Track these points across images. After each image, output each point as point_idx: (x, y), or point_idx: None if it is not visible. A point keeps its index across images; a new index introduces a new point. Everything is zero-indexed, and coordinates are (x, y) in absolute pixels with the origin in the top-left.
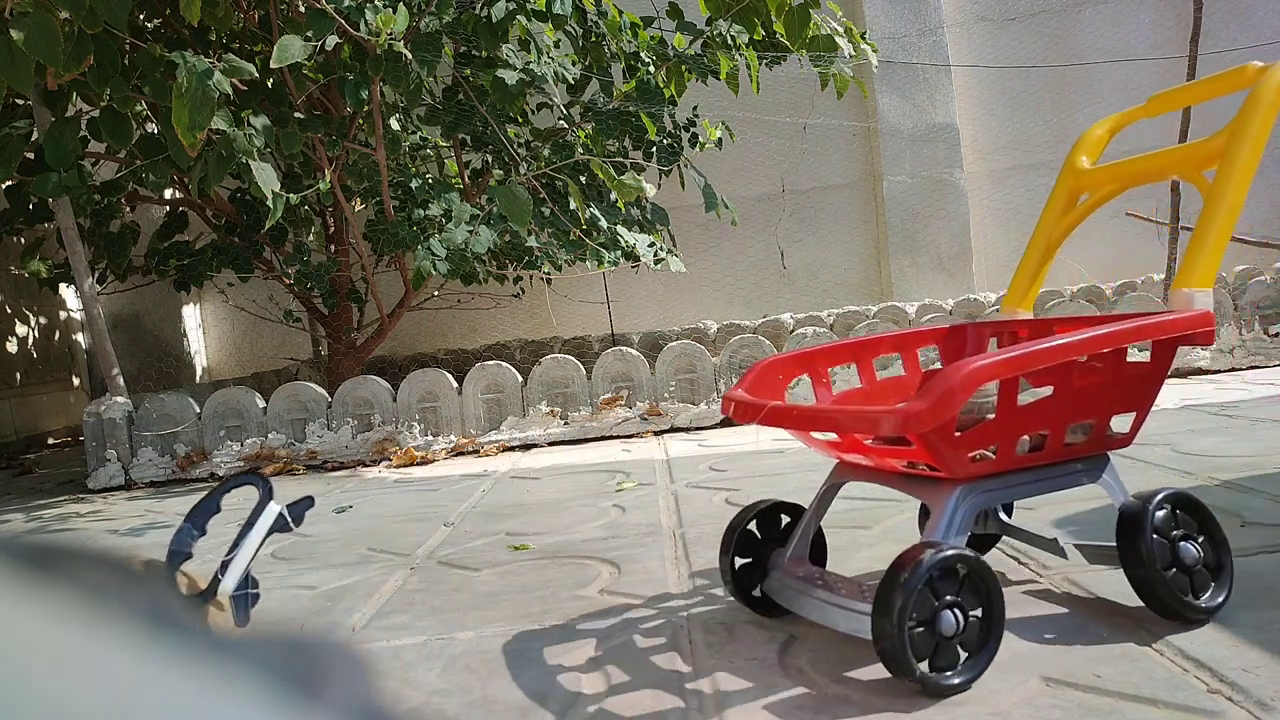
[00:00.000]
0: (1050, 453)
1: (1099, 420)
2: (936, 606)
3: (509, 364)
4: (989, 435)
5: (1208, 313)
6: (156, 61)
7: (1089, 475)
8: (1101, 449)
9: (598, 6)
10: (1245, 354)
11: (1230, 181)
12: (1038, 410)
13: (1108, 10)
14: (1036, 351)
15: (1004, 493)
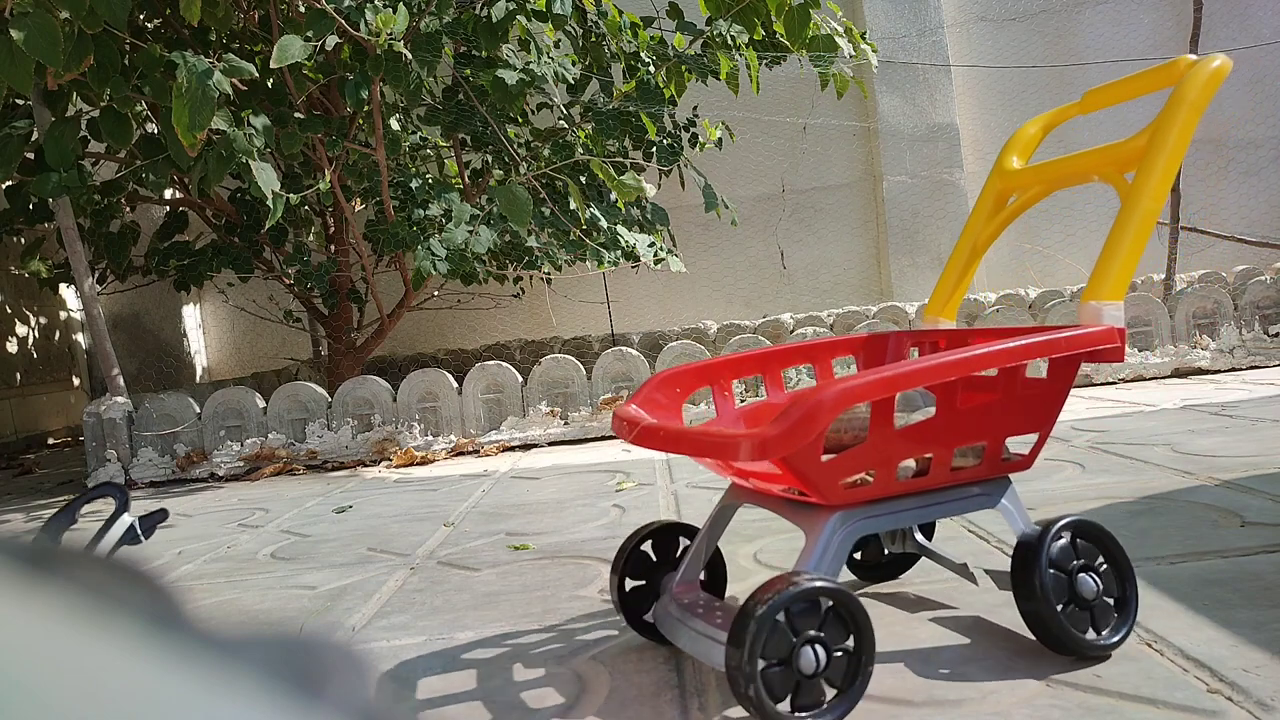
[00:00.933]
0: (937, 477)
1: (992, 442)
2: (795, 642)
3: (509, 364)
4: (862, 459)
5: (1112, 329)
6: (156, 61)
7: (986, 500)
8: (998, 472)
9: (598, 6)
10: (1245, 354)
11: (1147, 186)
12: (919, 432)
13: (1108, 10)
14: (907, 373)
15: (887, 519)
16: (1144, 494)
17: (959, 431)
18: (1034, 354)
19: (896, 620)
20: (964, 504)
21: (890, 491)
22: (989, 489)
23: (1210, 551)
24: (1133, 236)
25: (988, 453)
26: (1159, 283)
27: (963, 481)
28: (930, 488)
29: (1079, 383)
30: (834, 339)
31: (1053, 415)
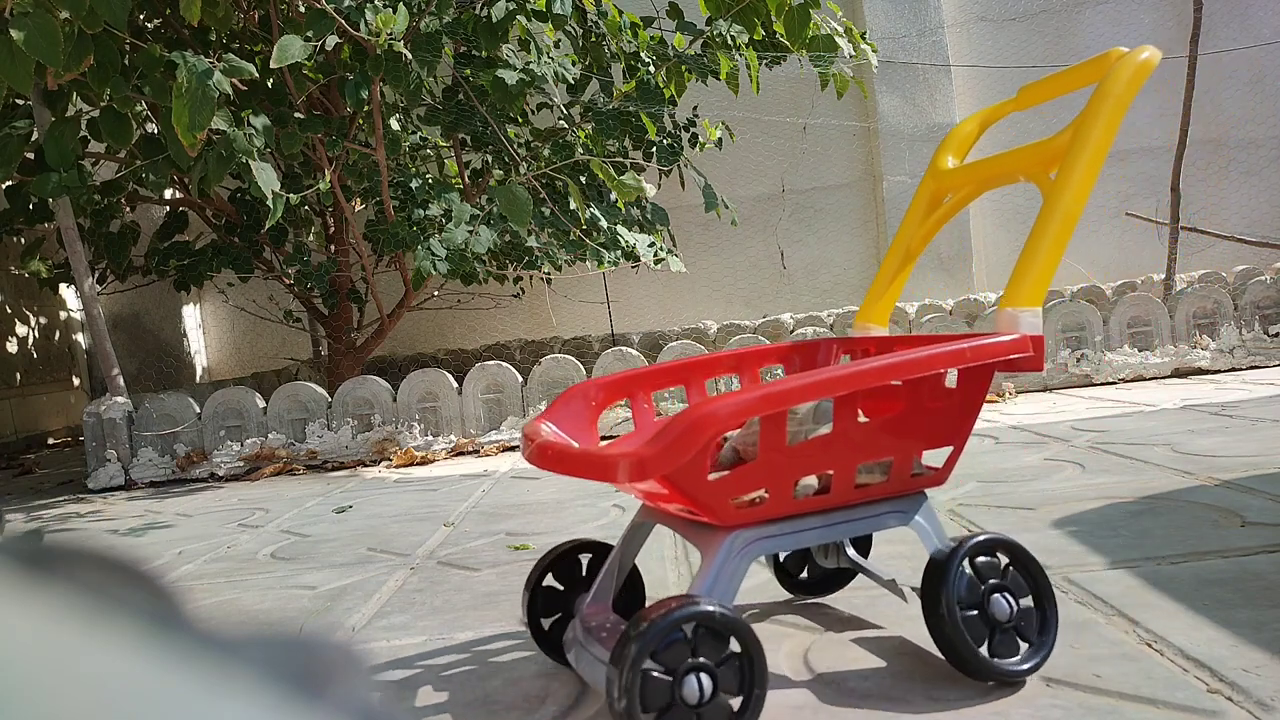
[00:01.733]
0: (840, 494)
1: (899, 457)
2: (680, 670)
3: (509, 364)
4: (753, 478)
5: (1024, 337)
6: (156, 61)
7: (898, 517)
8: (908, 488)
9: (598, 6)
10: (1245, 354)
11: (1068, 186)
12: (815, 448)
13: (1108, 10)
14: (791, 388)
15: (788, 539)
16: (1144, 494)
17: (860, 447)
18: (933, 366)
19: (866, 627)
20: (874, 521)
21: (788, 510)
22: (902, 505)
23: (1210, 551)
24: (1052, 239)
25: (895, 468)
26: (1159, 283)
27: (871, 498)
28: (833, 506)
29: (1079, 383)
30: (762, 347)
31: (965, 428)
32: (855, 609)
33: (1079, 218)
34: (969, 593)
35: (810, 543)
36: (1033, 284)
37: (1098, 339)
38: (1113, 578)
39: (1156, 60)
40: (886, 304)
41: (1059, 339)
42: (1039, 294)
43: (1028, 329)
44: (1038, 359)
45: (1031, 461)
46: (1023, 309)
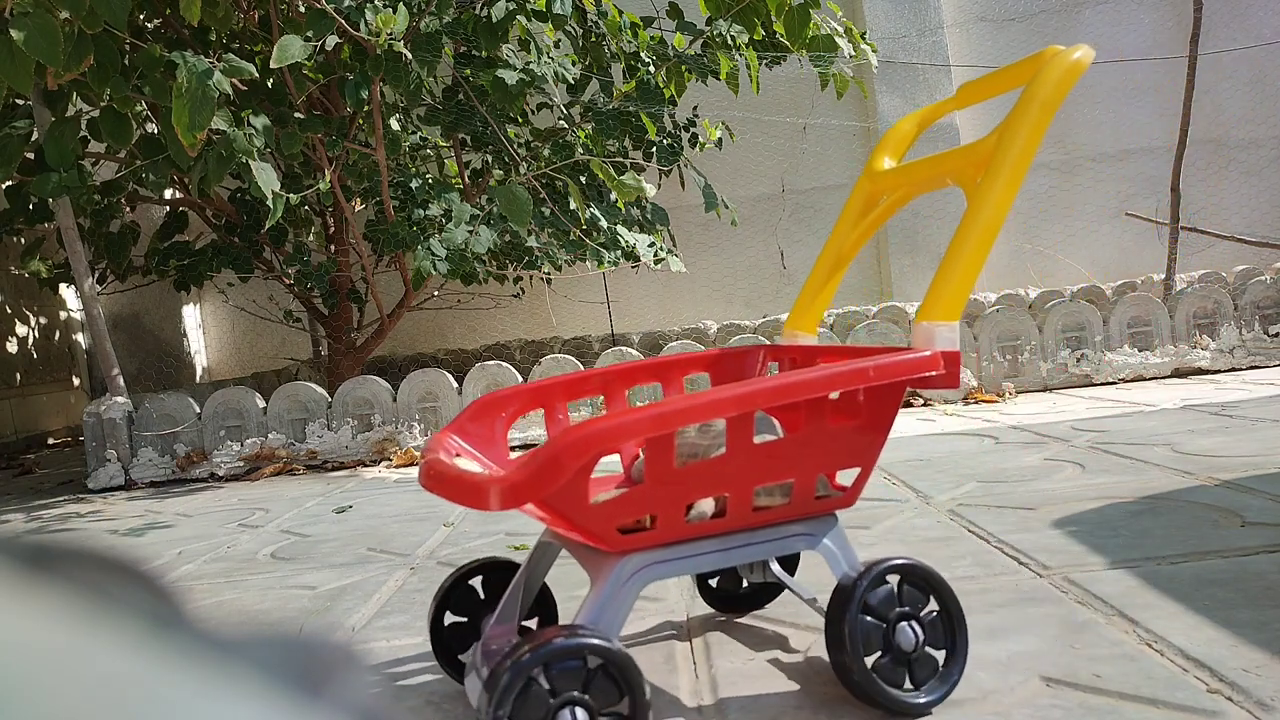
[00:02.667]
0: (736, 518)
1: (800, 479)
2: (553, 704)
3: (509, 364)
4: (640, 502)
5: (934, 354)
6: (156, 61)
7: (805, 540)
8: (812, 511)
9: (598, 6)
10: (1245, 354)
11: (991, 193)
12: (706, 471)
13: (1108, 10)
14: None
15: (684, 564)
16: (1144, 494)
17: (756, 469)
18: (832, 386)
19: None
20: (778, 545)
21: (679, 535)
22: (808, 528)
23: (1210, 551)
24: (971, 250)
25: (797, 490)
26: (1159, 283)
27: (772, 521)
28: (731, 529)
29: (1079, 383)
30: (687, 355)
31: (874, 448)
32: None
33: (1001, 226)
34: (873, 620)
35: (707, 568)
36: (950, 297)
37: (1098, 339)
38: (1113, 578)
39: (1088, 60)
40: (816, 311)
41: (1059, 339)
42: (956, 308)
43: (943, 344)
44: (952, 376)
45: (1031, 461)
46: (939, 323)
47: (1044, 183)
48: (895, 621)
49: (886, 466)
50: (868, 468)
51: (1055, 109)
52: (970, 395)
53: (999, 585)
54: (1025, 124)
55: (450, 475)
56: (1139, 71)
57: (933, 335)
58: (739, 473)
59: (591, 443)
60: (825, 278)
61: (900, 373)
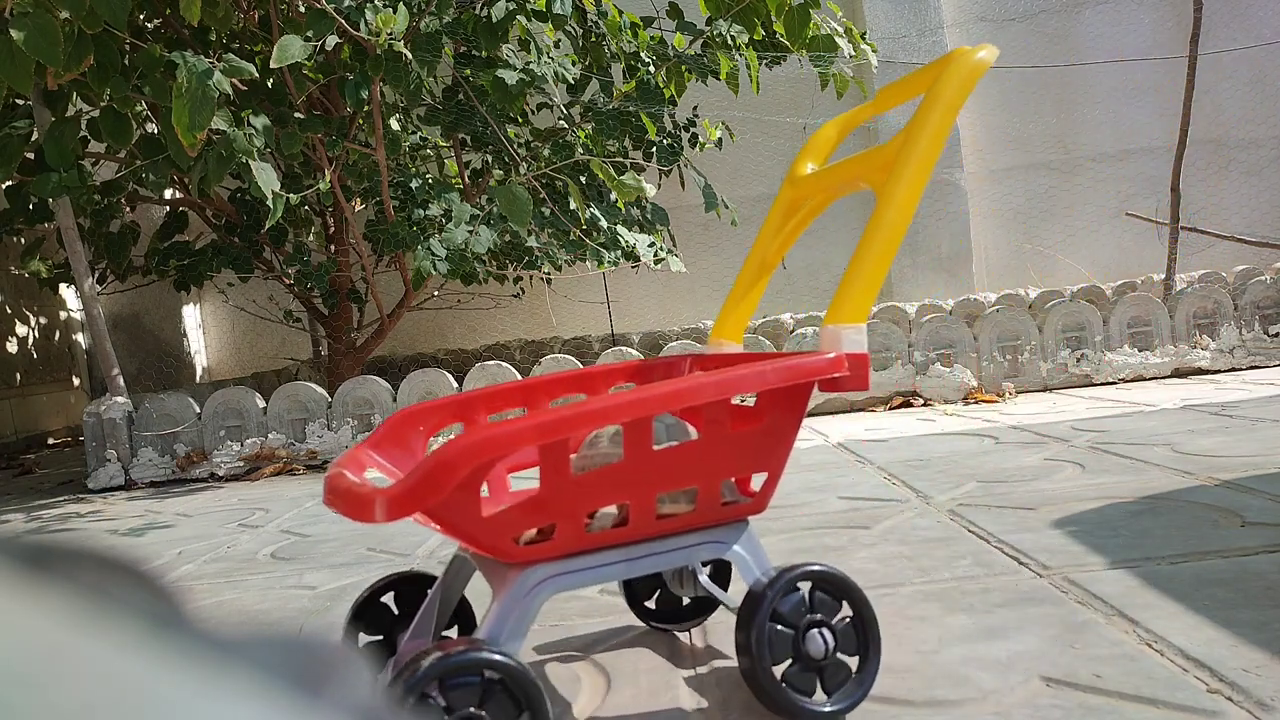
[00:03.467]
0: (639, 527)
1: (704, 486)
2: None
3: (509, 364)
4: (534, 512)
5: (839, 356)
6: (156, 61)
7: (715, 547)
8: (720, 517)
9: (598, 6)
10: (1245, 354)
11: (895, 196)
12: (603, 479)
13: (1108, 10)
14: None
15: (588, 574)
16: (1144, 494)
17: (656, 476)
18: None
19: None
20: (687, 553)
21: (580, 545)
22: (717, 535)
23: (1210, 551)
24: (876, 252)
25: (702, 497)
26: (1159, 283)
27: (679, 529)
28: (635, 538)
29: (1079, 383)
30: (612, 365)
31: (780, 452)
32: None
33: (907, 226)
34: (783, 628)
35: (614, 578)
36: (856, 300)
37: (1098, 339)
38: (1113, 578)
39: (991, 59)
40: (740, 318)
41: (1059, 339)
42: (863, 310)
43: (850, 346)
44: (859, 378)
45: (1031, 461)
46: (845, 326)
47: (1044, 183)
48: (806, 629)
49: (886, 466)
50: (776, 472)
51: (958, 109)
52: (970, 395)
53: (999, 585)
54: (928, 125)
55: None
56: (1139, 71)
57: (839, 338)
58: (638, 480)
59: (475, 451)
60: (749, 285)
61: (800, 375)
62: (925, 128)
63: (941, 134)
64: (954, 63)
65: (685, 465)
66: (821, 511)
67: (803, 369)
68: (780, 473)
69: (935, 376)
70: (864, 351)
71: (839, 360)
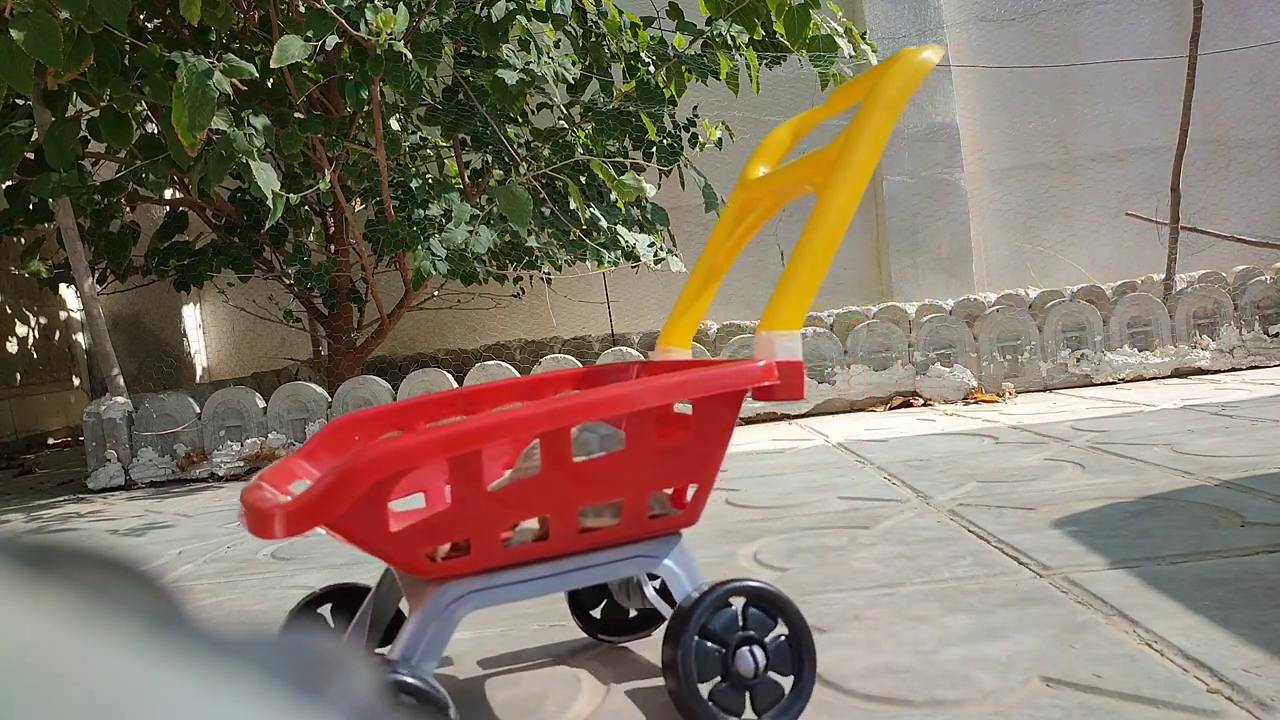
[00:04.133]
0: (561, 541)
1: (629, 499)
2: None
3: (509, 364)
4: (447, 526)
5: (769, 365)
6: (156, 61)
7: (642, 562)
8: (650, 531)
9: (598, 6)
10: (1245, 354)
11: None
12: (522, 492)
13: (1108, 10)
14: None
15: (512, 589)
16: (1144, 494)
17: (576, 489)
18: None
19: None
20: (614, 568)
21: (496, 561)
22: (646, 549)
23: (1210, 551)
24: (812, 257)
25: (628, 510)
26: (1159, 283)
27: (604, 543)
28: (558, 553)
29: (1079, 383)
30: (557, 372)
31: (710, 463)
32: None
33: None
34: (712, 645)
35: (539, 593)
36: (791, 306)
37: (1098, 339)
38: (1113, 578)
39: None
40: (689, 325)
41: (1059, 339)
42: (798, 317)
43: (783, 354)
44: (793, 387)
45: (1031, 461)
46: (779, 333)
47: (1044, 183)
48: (736, 646)
49: (886, 466)
50: (705, 484)
51: (899, 110)
52: (970, 395)
53: (999, 585)
54: (868, 127)
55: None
56: (1139, 71)
57: (772, 345)
58: (557, 493)
59: (379, 464)
60: (698, 291)
61: (726, 385)
62: (865, 130)
63: (881, 135)
64: (896, 63)
65: (607, 478)
66: (821, 511)
67: (728, 378)
68: (711, 484)
69: (935, 376)
70: (798, 359)
71: (769, 369)
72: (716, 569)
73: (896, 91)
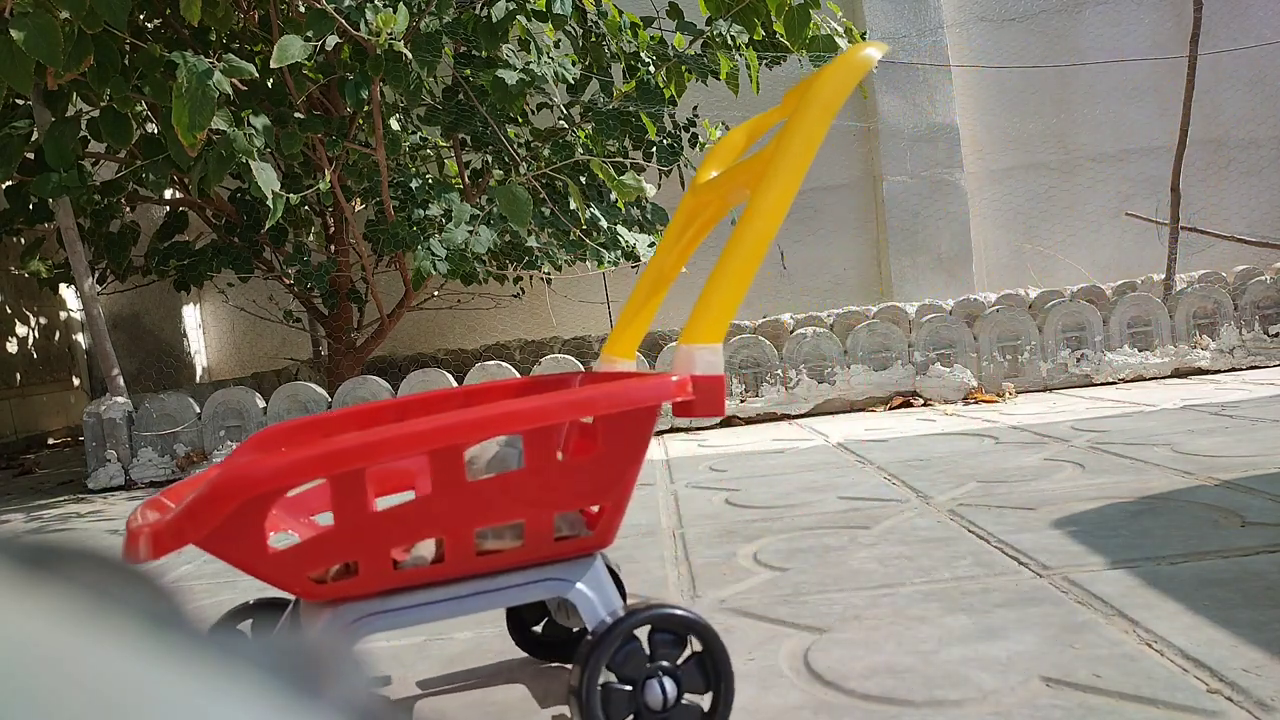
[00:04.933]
0: (458, 564)
1: (531, 520)
2: None
3: (509, 364)
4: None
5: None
6: (156, 61)
7: (552, 585)
8: (559, 553)
9: (598, 6)
10: (1245, 354)
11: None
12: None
13: (1108, 10)
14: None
15: (410, 613)
16: (1144, 494)
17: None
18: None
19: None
20: (521, 591)
21: (386, 584)
22: (557, 572)
23: (1211, 551)
24: (738, 267)
25: (531, 532)
26: (1159, 283)
27: (509, 566)
28: (455, 576)
29: (1079, 383)
30: (497, 382)
31: (620, 484)
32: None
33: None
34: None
35: (440, 617)
36: (713, 318)
37: (1098, 339)
38: (1113, 578)
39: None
40: (634, 334)
41: (1059, 339)
42: (720, 329)
43: (703, 368)
44: (711, 402)
45: (1031, 461)
46: (699, 346)
47: (1044, 183)
48: (644, 679)
49: (886, 466)
50: (616, 504)
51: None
52: (970, 395)
53: (999, 585)
54: (801, 129)
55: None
56: (1139, 71)
57: (692, 359)
58: (450, 514)
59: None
60: (644, 299)
61: (633, 401)
62: (797, 132)
63: (814, 137)
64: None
65: (506, 498)
66: (821, 511)
67: (637, 394)
68: (623, 505)
69: (935, 376)
70: (718, 373)
71: (682, 384)
72: (716, 569)
73: (832, 92)
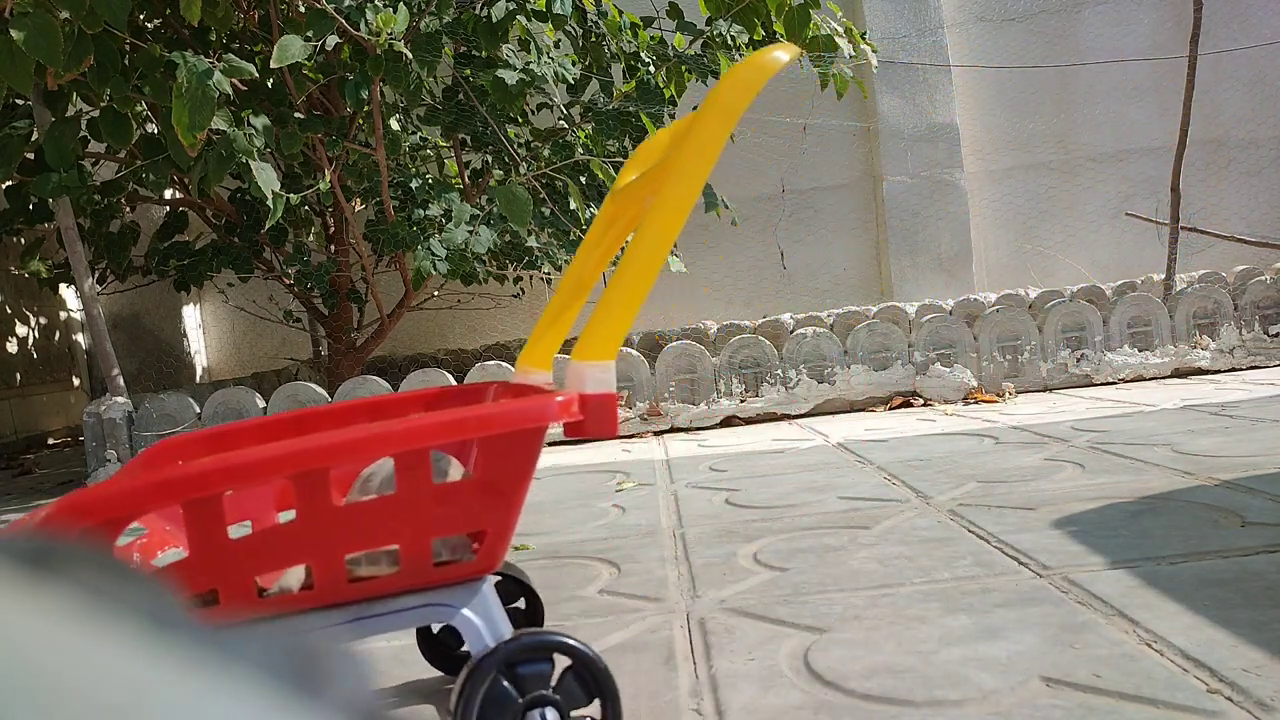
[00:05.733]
0: (329, 591)
1: (406, 546)
2: None
3: (509, 364)
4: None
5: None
6: (156, 61)
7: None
8: (438, 579)
9: (598, 6)
10: (1245, 354)
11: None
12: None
13: (1108, 10)
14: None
15: None
16: (1144, 494)
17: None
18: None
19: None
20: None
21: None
22: (441, 597)
23: (1210, 551)
24: (632, 280)
25: (407, 558)
26: (1159, 283)
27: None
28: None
29: (1079, 383)
30: (407, 393)
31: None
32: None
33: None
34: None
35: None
36: (605, 334)
37: (1098, 339)
38: (1113, 578)
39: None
40: (550, 344)
41: (1059, 339)
42: (612, 345)
43: (595, 386)
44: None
45: (1031, 461)
46: (590, 364)
47: (1044, 183)
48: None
49: (886, 466)
50: (500, 529)
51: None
52: (970, 395)
53: (999, 585)
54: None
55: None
56: (1139, 71)
57: (583, 377)
58: (317, 540)
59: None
60: (563, 308)
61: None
62: (696, 138)
63: (715, 143)
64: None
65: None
66: (821, 511)
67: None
68: (508, 530)
69: (935, 376)
70: (610, 391)
71: (567, 404)
72: (716, 569)
73: (735, 95)
